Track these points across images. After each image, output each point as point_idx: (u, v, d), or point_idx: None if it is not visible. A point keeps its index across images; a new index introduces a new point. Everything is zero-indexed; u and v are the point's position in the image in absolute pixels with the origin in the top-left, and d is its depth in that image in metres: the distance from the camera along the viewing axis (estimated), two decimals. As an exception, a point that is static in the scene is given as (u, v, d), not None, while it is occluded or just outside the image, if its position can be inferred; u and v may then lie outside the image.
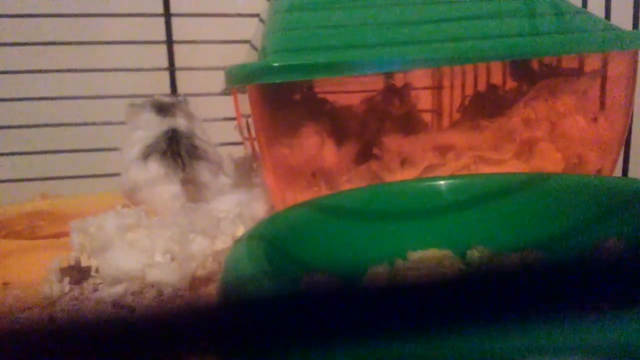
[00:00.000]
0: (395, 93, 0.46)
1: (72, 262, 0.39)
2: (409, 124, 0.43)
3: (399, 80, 0.46)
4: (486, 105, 0.40)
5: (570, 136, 0.36)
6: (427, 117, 0.55)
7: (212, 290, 0.37)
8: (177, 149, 0.46)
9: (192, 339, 0.10)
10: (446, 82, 0.56)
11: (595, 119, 0.37)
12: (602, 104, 0.38)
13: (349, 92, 0.48)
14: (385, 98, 0.46)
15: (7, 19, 0.52)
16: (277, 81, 0.30)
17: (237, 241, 0.22)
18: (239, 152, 0.54)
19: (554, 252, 0.24)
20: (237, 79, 0.31)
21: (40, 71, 0.53)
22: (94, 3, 0.54)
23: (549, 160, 0.36)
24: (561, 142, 0.36)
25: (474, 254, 0.26)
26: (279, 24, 0.35)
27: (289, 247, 0.24)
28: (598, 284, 0.20)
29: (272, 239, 0.23)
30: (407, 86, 0.47)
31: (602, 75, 0.38)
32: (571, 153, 0.37)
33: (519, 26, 0.36)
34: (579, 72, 0.39)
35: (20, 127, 0.54)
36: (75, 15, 0.53)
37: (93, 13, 0.54)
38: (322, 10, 0.37)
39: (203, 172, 0.46)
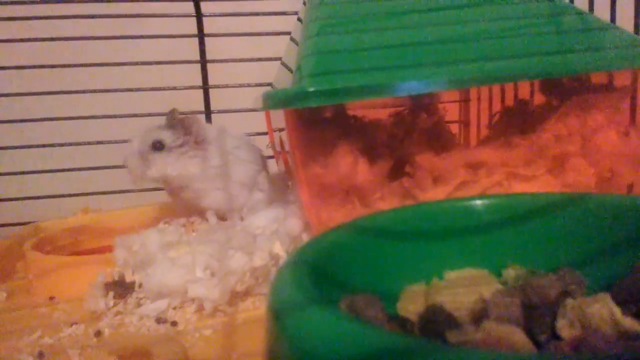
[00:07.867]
0: (423, 106, 0.46)
1: (116, 278, 0.40)
2: (439, 139, 0.44)
3: (426, 94, 0.47)
4: (517, 121, 0.41)
5: (602, 151, 0.36)
6: (455, 130, 0.56)
7: (249, 304, 0.38)
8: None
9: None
10: (473, 95, 0.56)
11: (626, 133, 0.37)
12: (633, 119, 0.38)
13: (378, 107, 0.49)
14: (413, 111, 0.46)
15: (52, 43, 0.55)
16: (313, 105, 0.31)
17: (282, 268, 0.23)
18: (272, 167, 0.56)
19: (589, 272, 0.25)
20: (274, 103, 0.33)
21: (78, 91, 0.55)
22: (130, 26, 0.56)
23: (582, 175, 0.36)
24: (593, 157, 0.36)
25: (510, 273, 0.27)
26: (311, 47, 0.36)
27: (330, 269, 0.25)
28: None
29: (314, 263, 0.24)
30: (434, 99, 0.48)
31: (632, 90, 0.38)
32: (603, 167, 0.37)
33: (548, 44, 0.36)
34: (608, 87, 0.39)
35: (62, 145, 0.57)
36: (114, 38, 0.56)
37: (130, 35, 0.57)
38: (351, 33, 0.38)
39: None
